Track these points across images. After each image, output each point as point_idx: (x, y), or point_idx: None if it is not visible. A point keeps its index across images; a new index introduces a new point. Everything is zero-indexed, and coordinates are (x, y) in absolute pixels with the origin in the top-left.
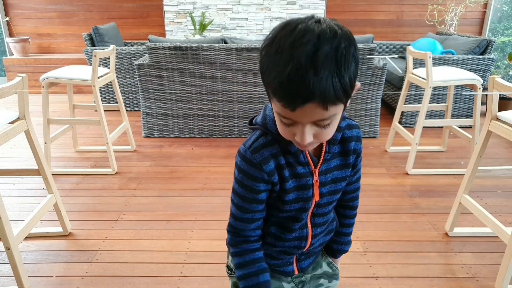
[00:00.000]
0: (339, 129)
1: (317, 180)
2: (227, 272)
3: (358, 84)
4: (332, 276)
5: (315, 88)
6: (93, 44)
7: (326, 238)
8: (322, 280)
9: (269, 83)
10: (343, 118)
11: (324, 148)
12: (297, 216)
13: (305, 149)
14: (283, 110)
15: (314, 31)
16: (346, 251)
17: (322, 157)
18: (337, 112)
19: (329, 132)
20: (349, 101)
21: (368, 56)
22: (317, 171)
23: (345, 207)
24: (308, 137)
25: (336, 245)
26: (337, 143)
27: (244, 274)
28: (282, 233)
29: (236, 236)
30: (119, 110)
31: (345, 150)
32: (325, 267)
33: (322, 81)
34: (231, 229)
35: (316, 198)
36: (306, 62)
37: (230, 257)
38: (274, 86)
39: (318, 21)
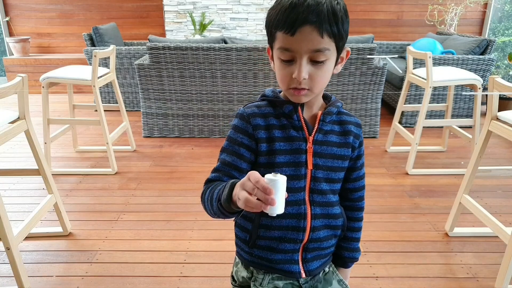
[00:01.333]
0: (335, 105)
1: (311, 147)
2: (231, 283)
3: (348, 48)
4: None
5: (312, 10)
6: (93, 44)
7: (332, 232)
8: None
9: (273, 20)
10: (339, 101)
11: (318, 116)
12: (290, 186)
13: (298, 97)
14: (283, 39)
15: None
16: (357, 258)
17: (316, 124)
18: (330, 48)
19: (322, 76)
20: (340, 59)
21: (368, 56)
22: (311, 138)
23: (353, 209)
24: (304, 71)
25: (347, 252)
26: (332, 116)
27: (211, 197)
28: None
29: (209, 183)
30: (119, 110)
31: (345, 131)
32: (335, 285)
33: (319, 7)
34: (206, 182)
35: (310, 166)
36: None
37: (234, 268)
38: (277, 17)
39: None
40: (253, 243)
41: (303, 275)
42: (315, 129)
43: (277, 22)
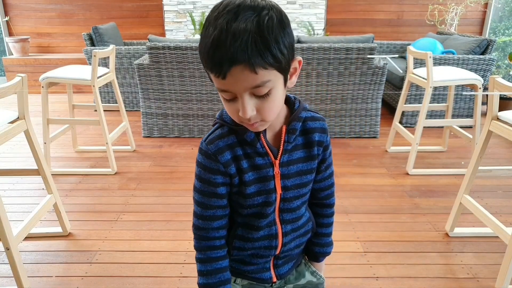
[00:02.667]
0: (298, 118)
1: (278, 172)
2: None
3: (298, 58)
4: (317, 286)
5: (236, 49)
6: (92, 44)
7: (302, 239)
8: None
9: (202, 59)
10: (304, 109)
11: (283, 137)
12: (261, 212)
13: (254, 128)
14: (217, 81)
15: (235, 2)
16: (329, 253)
17: (281, 147)
18: (271, 78)
19: (271, 106)
20: (290, 75)
21: (369, 56)
22: (277, 162)
23: (321, 206)
24: (249, 109)
25: (318, 247)
26: (296, 132)
27: (204, 284)
28: (249, 233)
29: (201, 239)
30: (118, 110)
31: (309, 142)
32: (308, 277)
33: (243, 42)
34: (195, 230)
35: (279, 190)
36: (227, 27)
37: None
38: (204, 57)
39: None
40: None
41: (274, 279)
42: (280, 151)
43: (205, 64)
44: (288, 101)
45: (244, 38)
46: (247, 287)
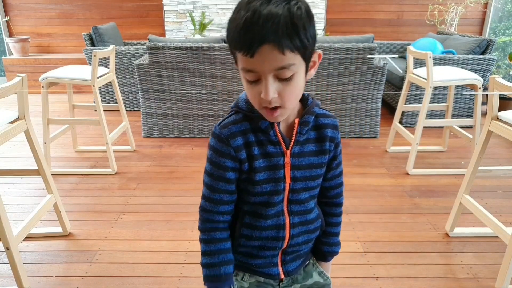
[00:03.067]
0: (311, 112)
1: (288, 162)
2: None
3: (319, 51)
4: (323, 286)
5: (268, 29)
6: (92, 44)
7: (311, 236)
8: None
9: (231, 40)
10: (317, 105)
11: (295, 128)
12: (269, 200)
13: (273, 117)
14: (244, 60)
15: None
16: (336, 252)
17: (293, 137)
18: (295, 63)
19: (292, 91)
20: (311, 65)
21: (369, 56)
22: (288, 152)
23: (331, 205)
24: (271, 91)
25: (326, 246)
26: (309, 125)
27: (207, 263)
28: (256, 221)
29: (206, 222)
30: (119, 110)
31: (321, 137)
32: (316, 277)
33: (274, 23)
34: (201, 211)
35: (288, 180)
36: (260, 9)
37: None
38: (234, 38)
39: None
40: (234, 250)
41: (282, 276)
42: (292, 142)
43: (235, 43)
44: (302, 98)
45: (276, 20)
46: (255, 285)
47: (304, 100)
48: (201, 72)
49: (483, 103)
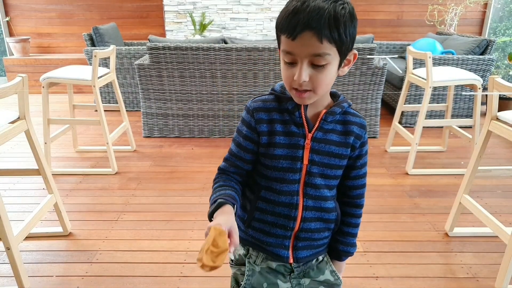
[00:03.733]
0: (340, 106)
1: (308, 144)
2: (229, 262)
3: (355, 51)
4: (333, 285)
5: (312, 18)
6: (93, 44)
7: (324, 225)
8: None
9: (279, 23)
10: (348, 103)
11: (321, 115)
12: (284, 177)
13: (302, 99)
14: (286, 42)
15: None
16: (352, 253)
17: (318, 122)
18: (331, 53)
19: (323, 78)
20: (345, 62)
21: (368, 56)
22: (310, 135)
23: (351, 205)
24: (304, 74)
25: (342, 246)
26: (335, 116)
27: (215, 189)
28: (271, 195)
29: (219, 173)
30: (119, 110)
31: (347, 131)
32: (327, 275)
33: (319, 14)
34: (218, 170)
35: (305, 161)
36: (309, 1)
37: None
38: (281, 21)
39: None
40: (248, 224)
41: (291, 260)
42: (315, 127)
43: (281, 26)
44: (335, 95)
45: (321, 12)
46: (266, 271)
47: (336, 97)
48: (201, 73)
49: (482, 103)
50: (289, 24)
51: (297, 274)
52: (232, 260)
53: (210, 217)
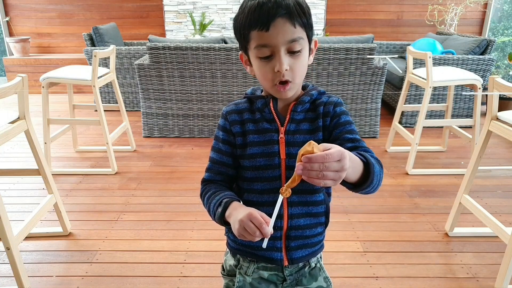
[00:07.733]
0: (309, 94)
1: (282, 138)
2: (221, 272)
3: (315, 38)
4: None
5: (280, 3)
6: (93, 44)
7: (313, 220)
8: None
9: (244, 22)
10: (318, 91)
11: (290, 107)
12: (263, 175)
13: (283, 93)
14: (259, 36)
15: None
16: (366, 161)
17: (288, 115)
18: (303, 37)
19: (300, 65)
20: (310, 51)
21: (368, 56)
22: (283, 129)
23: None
24: (285, 63)
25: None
26: (304, 104)
27: (209, 197)
28: (253, 196)
29: (205, 184)
30: (119, 110)
31: (316, 115)
32: (320, 282)
33: (285, 2)
34: (201, 183)
35: (283, 156)
36: None
37: (224, 257)
38: (248, 18)
39: None
40: None
41: (286, 262)
42: (287, 120)
43: (250, 22)
44: (305, 87)
45: (286, 1)
46: (257, 281)
47: (305, 88)
48: (201, 72)
49: (482, 103)
50: (259, 17)
51: (290, 283)
52: (224, 270)
53: (221, 219)
